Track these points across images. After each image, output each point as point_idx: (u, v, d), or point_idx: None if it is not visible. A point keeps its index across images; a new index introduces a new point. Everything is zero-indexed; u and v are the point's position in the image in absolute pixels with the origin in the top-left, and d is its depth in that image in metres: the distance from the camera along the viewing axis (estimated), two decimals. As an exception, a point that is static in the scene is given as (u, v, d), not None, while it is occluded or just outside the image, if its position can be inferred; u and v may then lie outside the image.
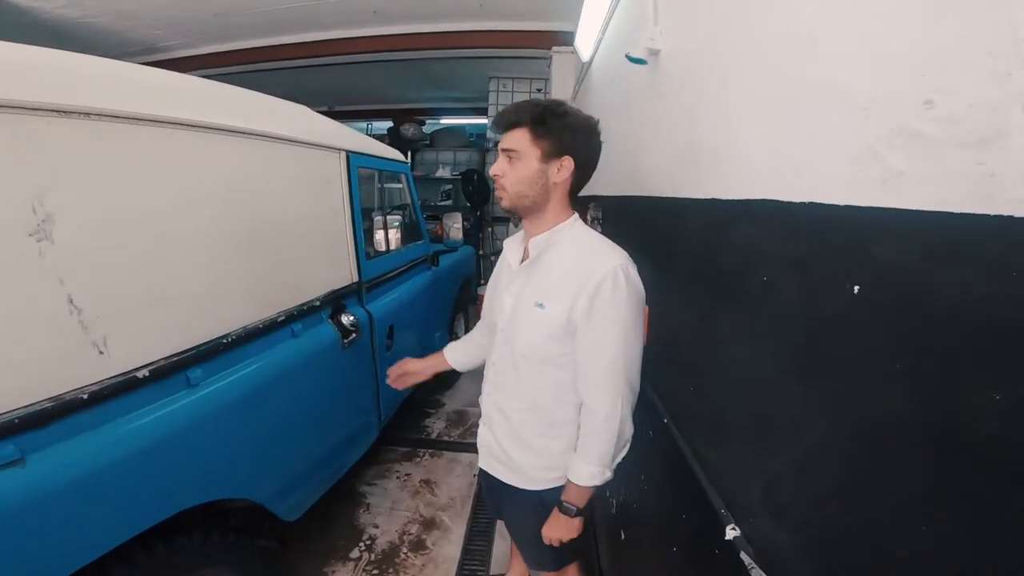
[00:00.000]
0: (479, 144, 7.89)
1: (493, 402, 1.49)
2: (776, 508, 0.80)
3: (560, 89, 4.85)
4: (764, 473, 0.84)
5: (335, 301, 2.20)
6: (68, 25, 4.21)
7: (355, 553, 2.43)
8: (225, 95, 1.76)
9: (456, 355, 1.77)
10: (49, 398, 1.11)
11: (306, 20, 4.62)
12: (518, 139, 1.26)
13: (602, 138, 1.35)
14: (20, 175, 1.07)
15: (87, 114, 1.19)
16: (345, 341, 2.15)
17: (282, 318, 1.84)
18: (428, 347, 3.35)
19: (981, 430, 0.45)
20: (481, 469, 1.61)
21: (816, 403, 0.70)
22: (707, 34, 1.17)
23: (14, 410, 1.05)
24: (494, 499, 1.70)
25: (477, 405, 1.60)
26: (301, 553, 2.37)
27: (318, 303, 2.07)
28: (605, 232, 2.43)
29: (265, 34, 4.93)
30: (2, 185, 1.04)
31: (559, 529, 1.39)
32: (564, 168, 1.27)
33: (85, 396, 1.17)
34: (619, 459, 1.35)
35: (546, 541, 1.42)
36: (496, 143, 1.36)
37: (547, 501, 1.43)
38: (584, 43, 3.25)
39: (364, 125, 8.60)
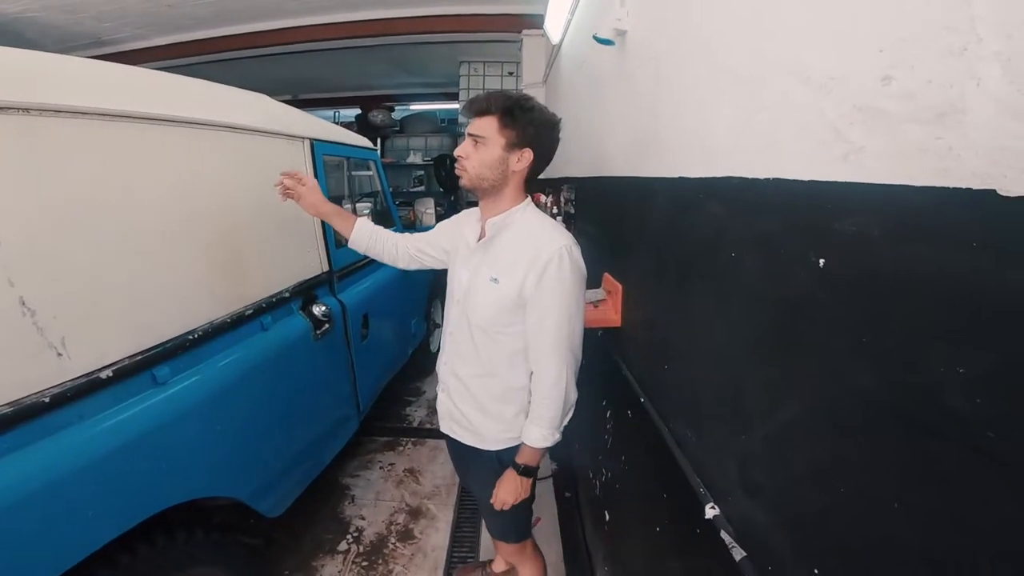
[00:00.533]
0: (451, 129, 7.80)
1: (450, 369, 1.58)
2: (752, 487, 0.80)
3: (531, 72, 4.81)
4: (740, 453, 0.84)
5: (306, 292, 2.16)
6: (4, 20, 4.02)
7: (343, 546, 2.42)
8: (175, 85, 1.70)
9: (363, 233, 1.78)
10: (7, 403, 1.07)
11: (267, 8, 4.47)
12: (485, 126, 1.36)
13: (573, 123, 1.40)
14: None
15: (24, 109, 1.14)
16: (317, 332, 2.12)
17: (250, 311, 1.80)
18: (405, 335, 3.34)
19: (946, 404, 0.45)
20: (445, 435, 1.69)
21: (786, 380, 0.70)
22: (670, 14, 1.16)
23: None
24: (460, 464, 1.82)
25: None
26: (287, 549, 2.35)
27: (287, 294, 2.03)
28: (578, 212, 2.46)
29: (222, 23, 4.75)
30: None
31: (509, 489, 1.50)
32: (524, 159, 1.37)
33: (47, 399, 1.13)
34: (566, 422, 1.49)
35: (497, 505, 1.53)
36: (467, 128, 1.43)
37: (504, 461, 1.54)
38: (553, 25, 3.22)
39: (331, 113, 8.44)
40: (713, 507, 0.91)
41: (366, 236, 1.77)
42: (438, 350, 1.68)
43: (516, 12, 4.64)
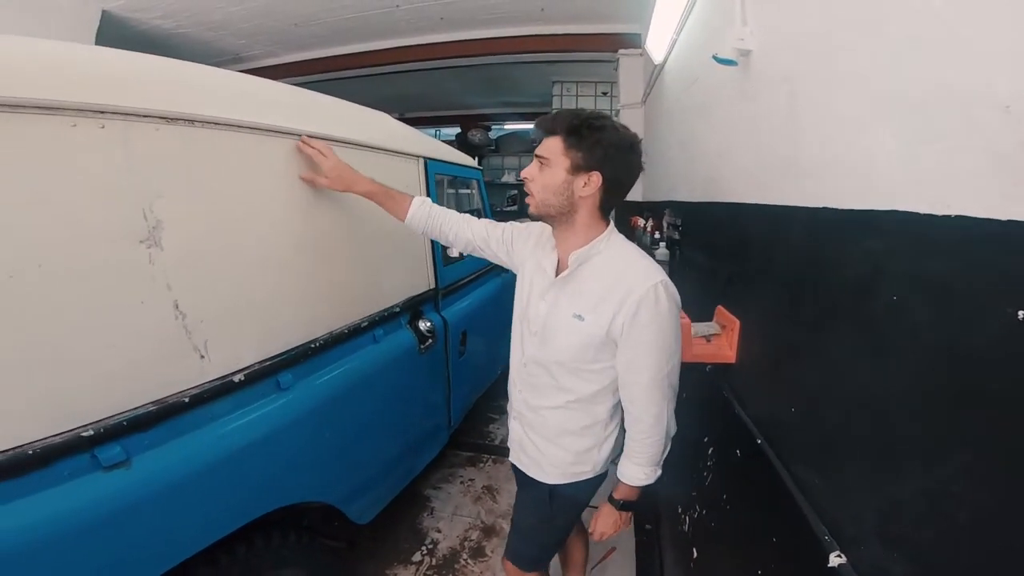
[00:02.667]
0: None
1: (524, 399, 1.52)
2: (894, 537, 0.75)
3: (629, 92, 4.78)
4: (883, 500, 0.78)
5: (413, 307, 2.22)
6: (162, 35, 4.47)
7: (417, 557, 2.44)
8: (314, 102, 1.79)
9: (421, 213, 1.68)
10: (154, 401, 1.15)
11: (377, 28, 4.78)
12: (551, 147, 1.27)
13: (679, 145, 1.34)
14: (132, 181, 1.10)
15: (191, 121, 1.22)
16: (422, 347, 2.17)
17: (365, 324, 1.86)
18: (496, 354, 3.35)
19: None
20: (512, 464, 1.66)
21: (958, 432, 0.64)
22: (807, 35, 1.10)
23: (122, 413, 1.09)
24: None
25: None
26: (365, 554, 2.39)
27: (398, 309, 2.08)
28: (685, 239, 2.39)
29: (340, 43, 5.13)
30: (116, 192, 1.08)
31: (608, 522, 1.47)
32: (591, 183, 1.26)
33: (187, 399, 1.20)
34: (665, 454, 1.41)
35: (596, 537, 1.49)
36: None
37: (555, 496, 1.51)
38: (656, 45, 3.20)
39: (433, 131, 8.75)
40: (839, 555, 0.85)
41: (423, 217, 1.67)
42: None
43: (611, 31, 4.66)
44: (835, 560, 0.85)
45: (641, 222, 3.48)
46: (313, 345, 1.59)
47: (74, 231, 1.01)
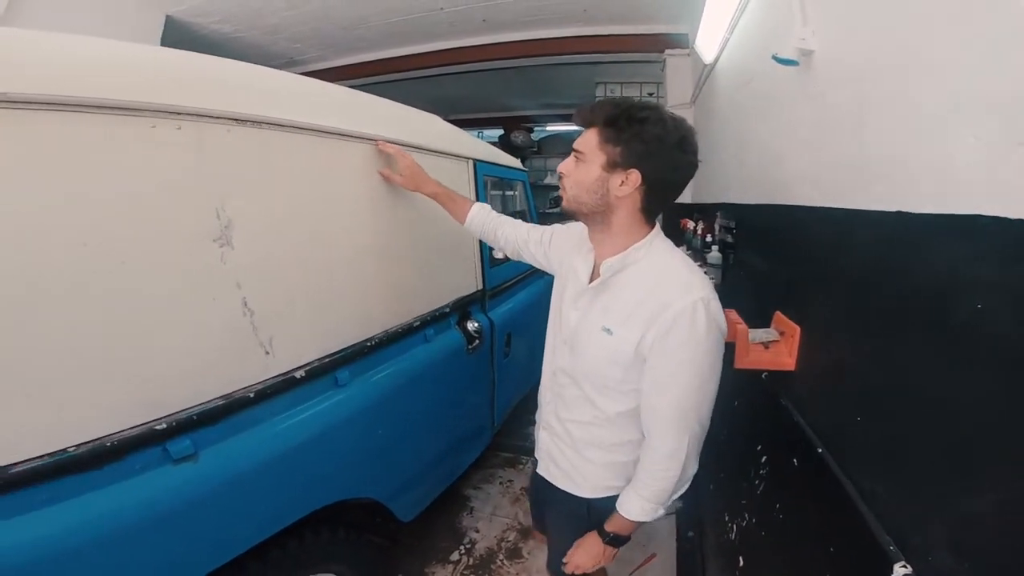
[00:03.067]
0: None
1: (552, 410, 1.43)
2: (966, 549, 0.73)
3: (676, 93, 4.71)
4: (955, 511, 0.76)
5: (462, 308, 2.24)
6: (220, 39, 4.61)
7: (455, 556, 2.45)
8: (368, 104, 1.82)
9: (479, 217, 1.69)
10: (222, 396, 1.18)
11: (422, 31, 4.83)
12: (587, 140, 1.14)
13: (735, 145, 1.26)
14: (206, 182, 1.14)
15: (258, 123, 1.25)
16: (470, 347, 2.19)
17: (417, 323, 1.88)
18: (538, 356, 3.35)
19: None
20: (534, 476, 1.58)
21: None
22: (876, 31, 1.07)
23: (192, 407, 1.13)
24: (540, 500, 1.63)
25: None
26: (405, 551, 2.41)
27: (448, 309, 2.10)
28: (739, 242, 2.35)
29: (388, 46, 5.21)
30: (191, 192, 1.11)
31: (587, 554, 1.35)
32: (628, 182, 1.11)
33: (251, 395, 1.23)
34: (675, 497, 1.28)
35: (569, 568, 1.38)
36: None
37: (594, 511, 1.38)
38: (706, 44, 3.15)
39: (476, 133, 8.80)
40: (904, 566, 0.83)
41: (481, 221, 1.67)
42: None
43: (656, 32, 4.60)
44: (900, 571, 0.82)
45: (691, 224, 3.33)
46: (369, 343, 1.62)
47: (154, 229, 1.04)
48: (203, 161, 1.14)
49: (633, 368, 1.18)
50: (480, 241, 2.38)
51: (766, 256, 1.88)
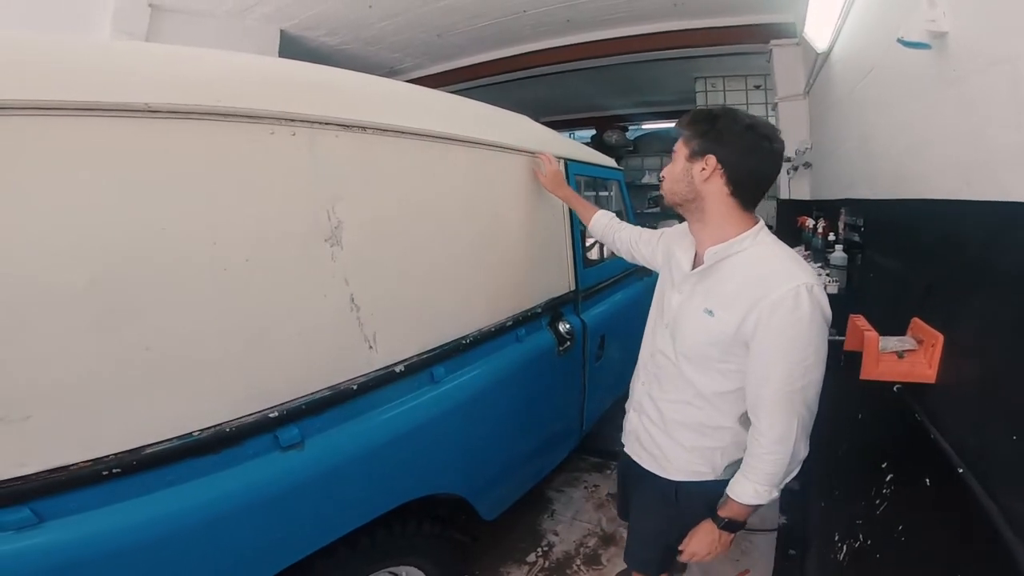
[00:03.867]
0: None
1: (647, 391, 1.47)
2: None
3: (786, 84, 4.50)
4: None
5: (554, 309, 2.23)
6: (326, 52, 4.93)
7: (531, 557, 2.44)
8: (463, 107, 1.85)
9: (601, 222, 1.88)
10: (328, 387, 1.24)
11: (508, 35, 4.92)
12: (679, 141, 1.29)
13: (858, 138, 1.21)
14: (318, 184, 1.20)
15: (363, 128, 1.31)
16: (561, 349, 2.17)
17: (510, 323, 1.90)
18: (633, 360, 3.29)
19: None
20: (622, 457, 1.62)
21: None
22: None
23: (302, 396, 1.19)
24: (626, 484, 1.68)
25: None
26: (483, 549, 2.42)
27: (540, 310, 2.10)
28: (868, 240, 2.20)
29: (477, 51, 5.37)
30: (306, 195, 1.18)
31: (704, 542, 1.35)
32: (708, 166, 1.21)
33: (355, 387, 1.29)
34: (789, 479, 1.29)
35: (685, 557, 1.39)
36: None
37: (682, 494, 1.41)
38: (817, 32, 2.99)
39: (567, 134, 8.76)
40: None
41: (603, 226, 1.85)
42: None
43: (759, 22, 4.44)
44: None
45: (810, 222, 3.21)
46: (464, 341, 1.65)
47: (273, 229, 1.12)
48: (315, 164, 1.20)
49: (733, 348, 1.23)
50: (573, 240, 2.39)
51: (902, 256, 1.74)
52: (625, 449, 1.59)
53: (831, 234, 2.55)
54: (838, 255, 2.28)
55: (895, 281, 1.73)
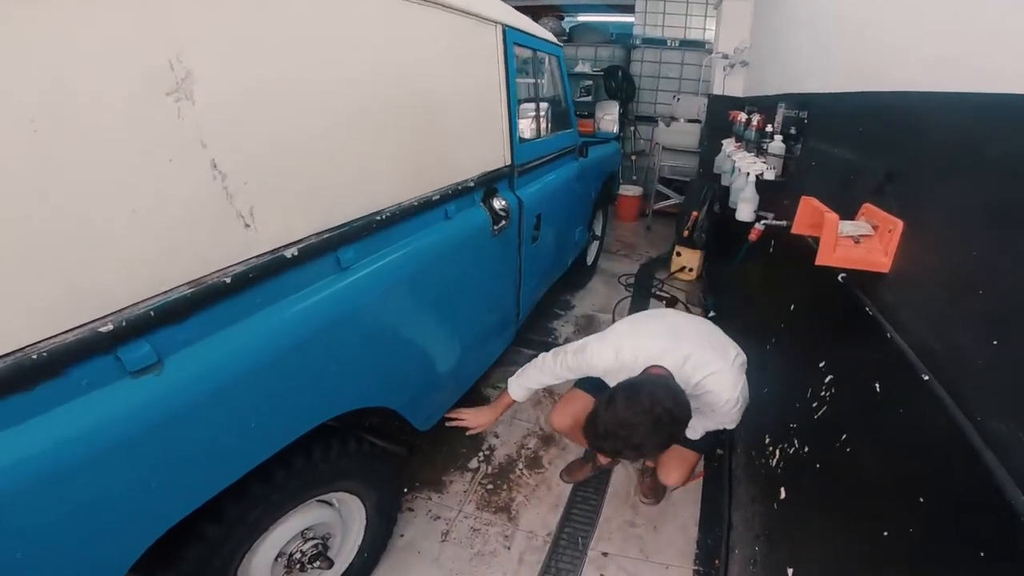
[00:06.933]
0: (623, 41, 7.15)
1: None
2: None
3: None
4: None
5: (488, 184, 1.93)
6: None
7: (474, 463, 2.28)
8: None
9: (518, 384, 1.82)
10: (189, 282, 0.89)
11: None
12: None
13: (808, 26, 1.13)
14: (154, 30, 0.82)
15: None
16: (495, 228, 1.91)
17: (437, 197, 1.58)
18: (568, 242, 3.14)
19: None
20: None
21: None
22: None
23: (149, 299, 0.84)
24: None
25: (608, 310, 1.45)
26: (422, 460, 2.24)
27: (472, 184, 1.80)
28: (813, 133, 2.11)
29: None
30: (135, 40, 0.79)
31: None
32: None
33: (228, 279, 0.94)
34: None
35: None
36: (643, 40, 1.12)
37: None
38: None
39: (501, 16, 8.16)
40: None
41: (521, 385, 1.81)
42: (593, 264, 1.55)
43: None
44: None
45: (743, 117, 3.23)
46: (379, 218, 1.32)
47: (82, 84, 0.73)
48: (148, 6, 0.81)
49: None
50: (509, 112, 2.07)
51: (854, 145, 1.66)
52: None
53: (768, 126, 2.60)
54: (777, 144, 2.33)
55: (843, 169, 1.67)
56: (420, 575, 1.79)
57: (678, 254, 4.24)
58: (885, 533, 0.96)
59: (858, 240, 1.30)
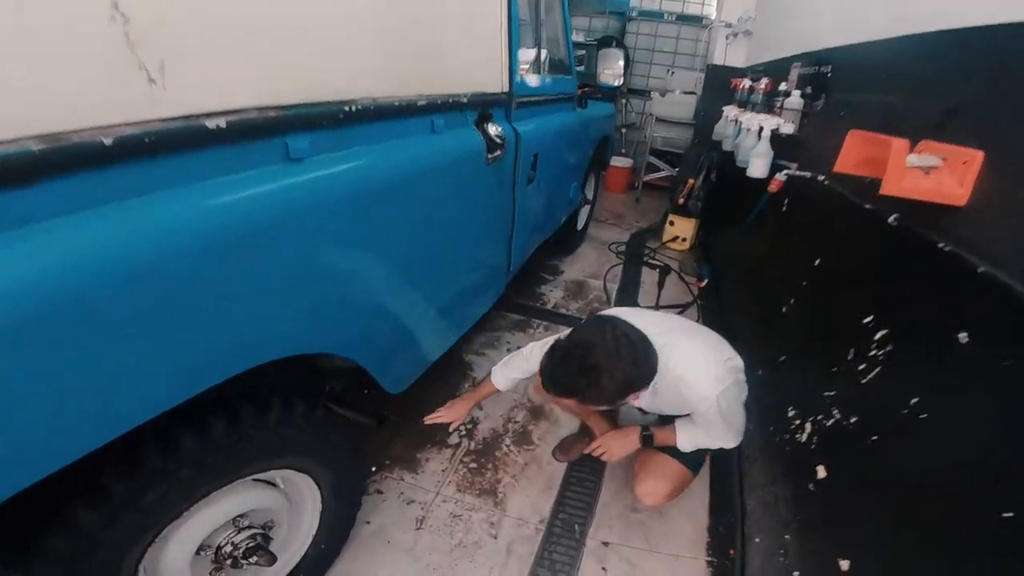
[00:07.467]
0: (619, 12, 6.81)
1: None
2: None
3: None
4: None
5: (483, 108, 1.65)
6: None
7: (454, 439, 1.99)
8: None
9: (504, 371, 1.70)
10: (49, 134, 0.57)
11: None
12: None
13: None
14: None
15: None
16: (489, 156, 1.64)
17: (423, 103, 1.29)
18: (563, 197, 2.91)
19: None
20: None
21: None
22: None
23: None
24: None
25: (599, 276, 1.37)
26: (394, 433, 1.94)
27: (465, 101, 1.53)
28: (836, 87, 2.13)
29: None
30: None
31: (622, 444, 1.61)
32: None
33: (109, 141, 0.62)
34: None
35: (598, 452, 1.62)
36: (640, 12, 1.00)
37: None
38: None
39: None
40: None
41: (508, 373, 1.68)
42: (583, 229, 1.35)
43: None
44: None
45: (746, 83, 3.35)
46: (348, 108, 1.01)
47: None
48: None
49: None
50: (509, 36, 1.79)
51: (897, 89, 1.60)
52: None
53: (782, 85, 2.70)
54: (794, 99, 2.40)
55: (883, 113, 1.61)
56: (391, 569, 1.51)
57: (671, 223, 4.09)
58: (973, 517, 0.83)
59: (928, 171, 1.17)
